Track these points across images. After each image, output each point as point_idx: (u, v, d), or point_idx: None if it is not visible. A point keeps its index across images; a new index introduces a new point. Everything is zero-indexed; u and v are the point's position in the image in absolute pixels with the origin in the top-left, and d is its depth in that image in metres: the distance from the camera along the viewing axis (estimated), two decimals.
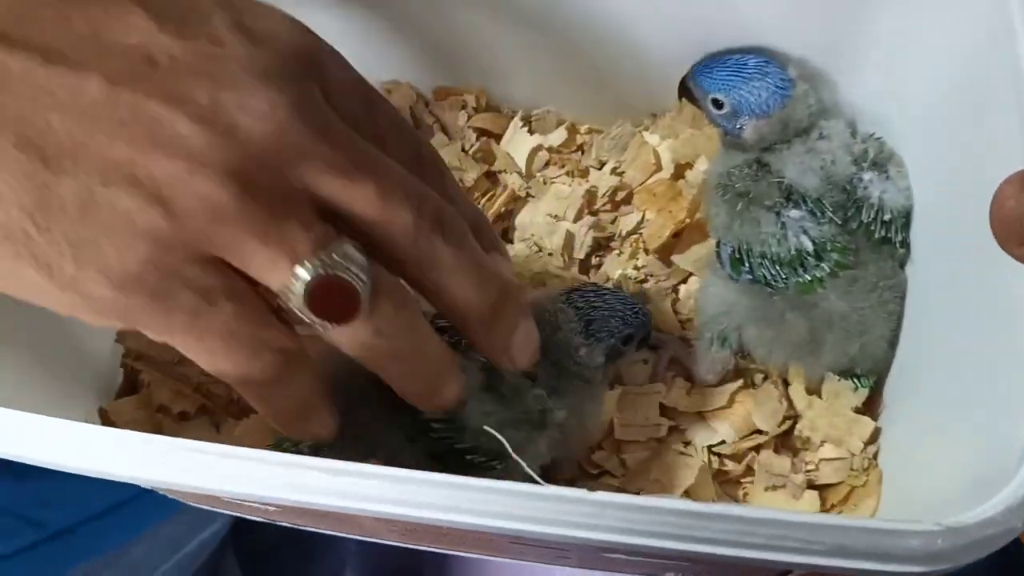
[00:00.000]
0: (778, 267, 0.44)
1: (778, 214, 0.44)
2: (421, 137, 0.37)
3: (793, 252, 0.44)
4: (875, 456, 0.44)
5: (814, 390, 0.45)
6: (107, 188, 0.28)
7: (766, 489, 0.44)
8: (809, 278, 0.44)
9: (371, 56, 0.54)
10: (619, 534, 0.29)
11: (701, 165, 0.52)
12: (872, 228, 0.44)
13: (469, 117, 0.55)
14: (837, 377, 0.44)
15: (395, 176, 0.32)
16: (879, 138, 0.46)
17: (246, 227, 0.29)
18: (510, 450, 0.38)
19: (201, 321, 0.30)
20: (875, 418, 0.44)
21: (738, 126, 0.46)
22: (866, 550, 0.27)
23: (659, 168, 0.53)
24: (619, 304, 0.43)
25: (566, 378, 0.42)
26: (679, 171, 0.53)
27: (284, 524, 0.51)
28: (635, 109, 0.54)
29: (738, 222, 0.45)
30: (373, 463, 0.38)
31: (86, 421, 0.45)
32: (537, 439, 0.41)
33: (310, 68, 0.32)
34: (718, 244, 0.47)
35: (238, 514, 0.48)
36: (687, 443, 0.46)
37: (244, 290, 0.30)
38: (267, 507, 0.42)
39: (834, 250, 0.44)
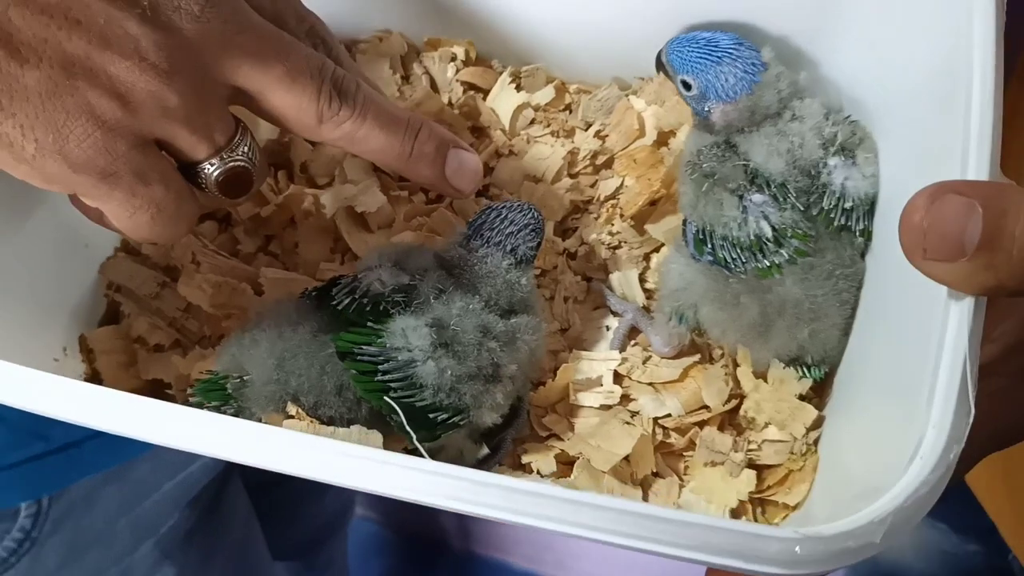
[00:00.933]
0: (738, 250, 0.44)
1: (741, 197, 0.44)
2: (311, 12, 0.43)
3: (752, 237, 0.43)
4: (815, 442, 0.44)
5: (762, 374, 0.45)
6: (69, 80, 0.33)
7: (705, 464, 0.45)
8: (768, 263, 0.43)
9: (365, 3, 0.55)
10: (505, 512, 0.30)
11: (683, 134, 0.52)
12: (832, 216, 0.43)
13: (457, 70, 0.55)
14: (783, 365, 0.44)
15: (299, 54, 0.38)
16: (853, 120, 0.45)
17: (183, 118, 0.35)
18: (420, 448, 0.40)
19: (136, 199, 0.35)
20: (822, 406, 0.45)
21: (706, 109, 0.45)
22: (729, 549, 0.28)
23: (642, 134, 0.53)
24: (519, 215, 0.44)
25: (515, 313, 0.44)
26: (662, 139, 0.52)
27: None
28: (624, 71, 0.54)
29: (703, 202, 0.45)
30: (293, 408, 0.40)
31: (66, 346, 0.49)
32: (494, 391, 0.42)
33: None
34: (684, 222, 0.46)
35: None
36: (635, 413, 0.46)
37: (171, 171, 0.36)
38: None
39: (794, 236, 0.43)
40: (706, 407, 0.46)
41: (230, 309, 0.50)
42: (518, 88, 0.54)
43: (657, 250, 0.51)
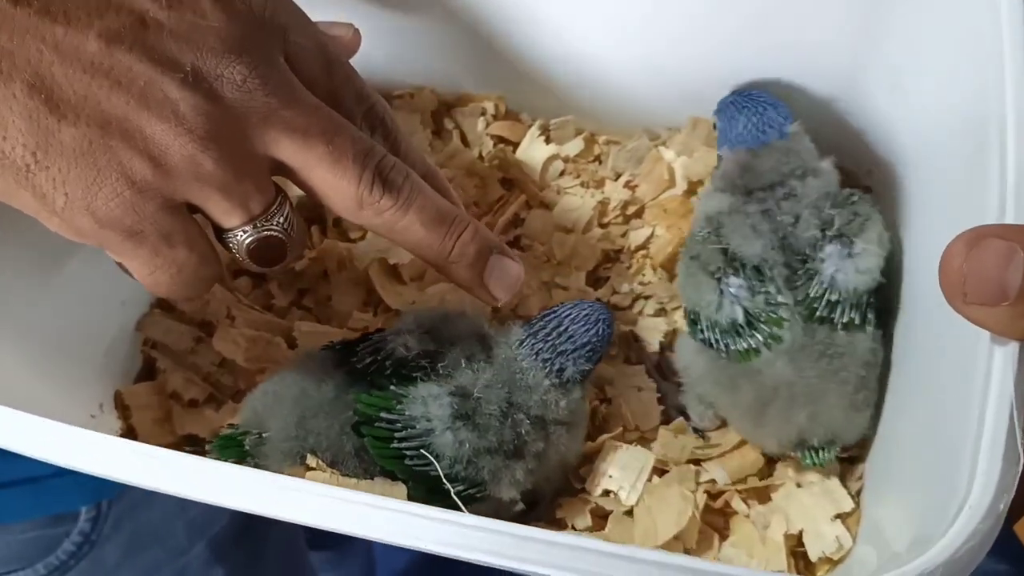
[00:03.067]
0: (718, 332, 0.43)
1: (719, 280, 0.43)
2: (375, 95, 0.42)
3: (727, 321, 0.43)
4: (857, 494, 0.43)
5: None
6: (104, 139, 0.33)
7: (745, 516, 0.44)
8: (744, 347, 0.42)
9: (397, 62, 0.56)
10: (547, 568, 0.30)
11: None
12: (815, 306, 0.42)
13: (488, 124, 0.55)
14: (794, 453, 0.43)
15: (345, 136, 0.37)
16: (855, 202, 0.43)
17: (217, 185, 0.35)
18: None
19: (159, 259, 0.35)
20: (863, 458, 0.44)
21: (720, 153, 0.45)
22: None
23: (672, 184, 0.53)
24: (582, 329, 0.42)
25: (547, 425, 0.42)
26: (691, 188, 0.53)
27: None
28: (653, 123, 0.54)
29: (689, 284, 0.44)
30: (312, 460, 0.40)
31: (102, 403, 0.50)
32: (514, 467, 0.41)
33: (276, 37, 0.37)
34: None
35: None
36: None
37: (198, 235, 0.36)
38: None
39: (768, 322, 0.42)
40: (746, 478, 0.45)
41: (264, 363, 0.50)
42: (547, 140, 0.55)
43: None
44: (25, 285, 0.46)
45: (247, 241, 0.36)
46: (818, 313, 0.42)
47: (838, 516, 0.42)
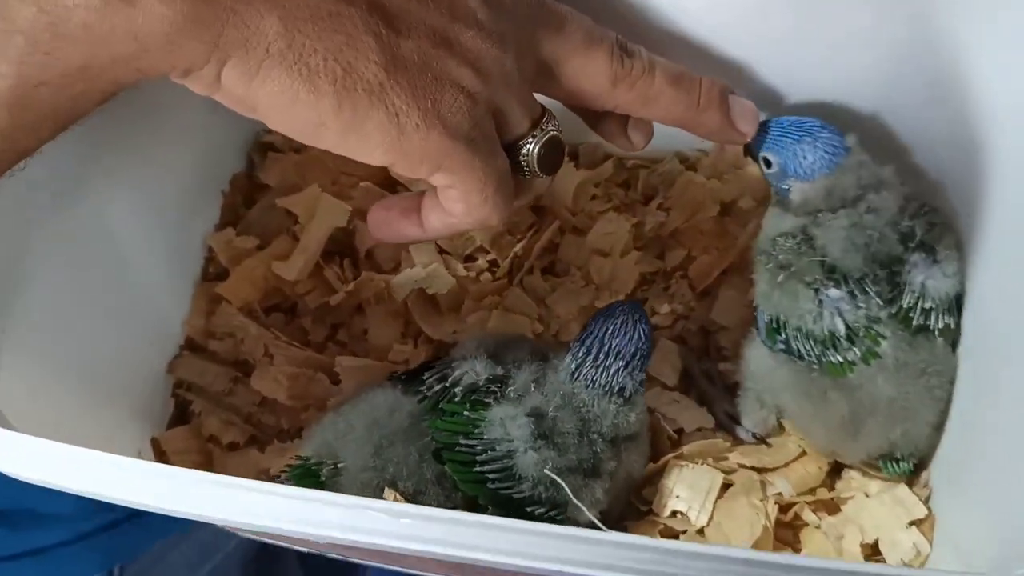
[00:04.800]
0: (812, 343, 0.43)
1: (817, 291, 0.43)
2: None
3: (827, 332, 0.43)
4: (926, 501, 0.44)
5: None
6: (435, 49, 0.34)
7: (816, 527, 0.44)
8: (840, 359, 0.43)
9: None
10: None
11: (744, 203, 0.53)
12: (911, 315, 0.43)
13: None
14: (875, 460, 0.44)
15: (589, 24, 0.40)
16: (928, 211, 0.44)
17: (516, 91, 0.37)
18: (571, 495, 0.38)
19: (488, 167, 0.36)
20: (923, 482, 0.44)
21: (785, 187, 0.45)
22: None
23: (705, 206, 0.53)
24: (625, 340, 0.42)
25: (619, 442, 0.42)
26: (724, 209, 0.53)
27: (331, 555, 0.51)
28: (682, 145, 0.55)
29: (777, 293, 0.44)
30: (393, 495, 0.39)
31: (139, 451, 0.47)
32: (593, 485, 0.41)
33: None
34: (756, 308, 0.46)
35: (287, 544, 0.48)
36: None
37: (500, 146, 0.37)
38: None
39: (867, 336, 0.42)
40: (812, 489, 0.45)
41: (308, 400, 0.49)
42: (577, 166, 0.55)
43: (720, 331, 0.51)
44: (50, 333, 0.44)
45: (537, 148, 0.38)
46: (915, 322, 0.43)
47: (912, 523, 0.43)
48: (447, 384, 0.42)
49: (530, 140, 0.38)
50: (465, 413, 0.41)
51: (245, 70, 0.31)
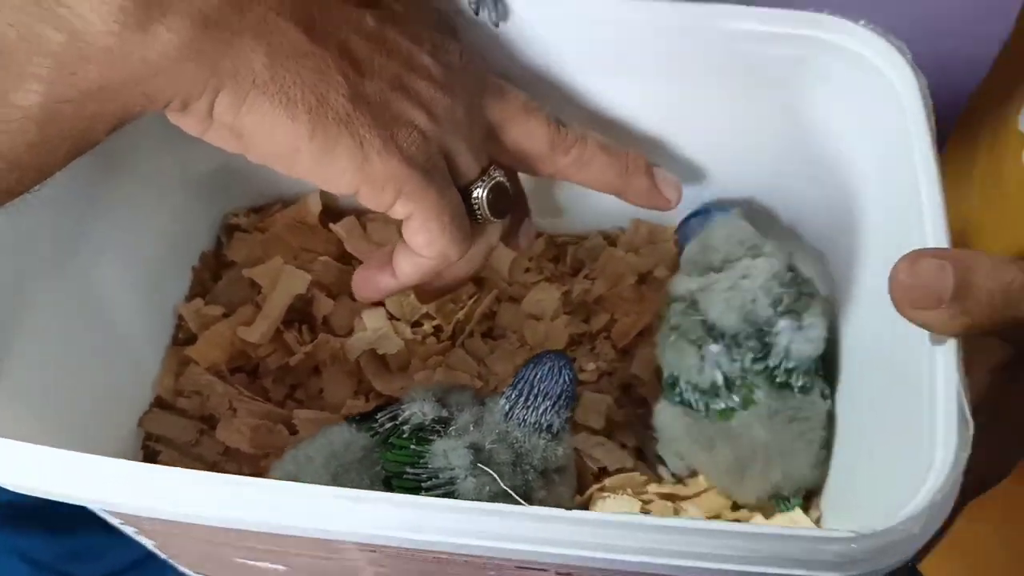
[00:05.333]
0: (699, 393, 0.50)
1: (700, 347, 0.50)
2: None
3: (709, 383, 0.50)
4: (817, 522, 0.49)
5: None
6: (392, 91, 0.41)
7: None
8: (723, 405, 0.49)
9: None
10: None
11: (659, 272, 0.60)
12: (775, 374, 0.49)
13: None
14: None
15: (547, 115, 0.47)
16: (800, 282, 0.51)
17: (465, 135, 0.43)
18: (508, 490, 0.44)
19: (442, 199, 0.42)
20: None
21: (684, 255, 0.54)
22: (794, 556, 0.33)
23: (624, 276, 0.60)
24: (551, 383, 0.48)
25: (548, 473, 0.48)
26: (641, 278, 0.60)
27: None
28: (606, 223, 0.62)
29: (670, 351, 0.51)
30: None
31: None
32: None
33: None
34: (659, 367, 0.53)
35: None
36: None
37: (455, 188, 0.43)
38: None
39: (743, 386, 0.49)
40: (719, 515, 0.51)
41: (268, 449, 0.54)
42: None
43: (639, 385, 0.57)
44: (37, 380, 0.49)
45: (486, 192, 0.44)
46: (778, 380, 0.49)
47: None
48: (397, 423, 0.48)
49: (479, 185, 0.44)
50: (412, 446, 0.47)
51: (235, 99, 0.37)
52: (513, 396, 0.48)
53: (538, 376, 0.49)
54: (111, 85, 0.35)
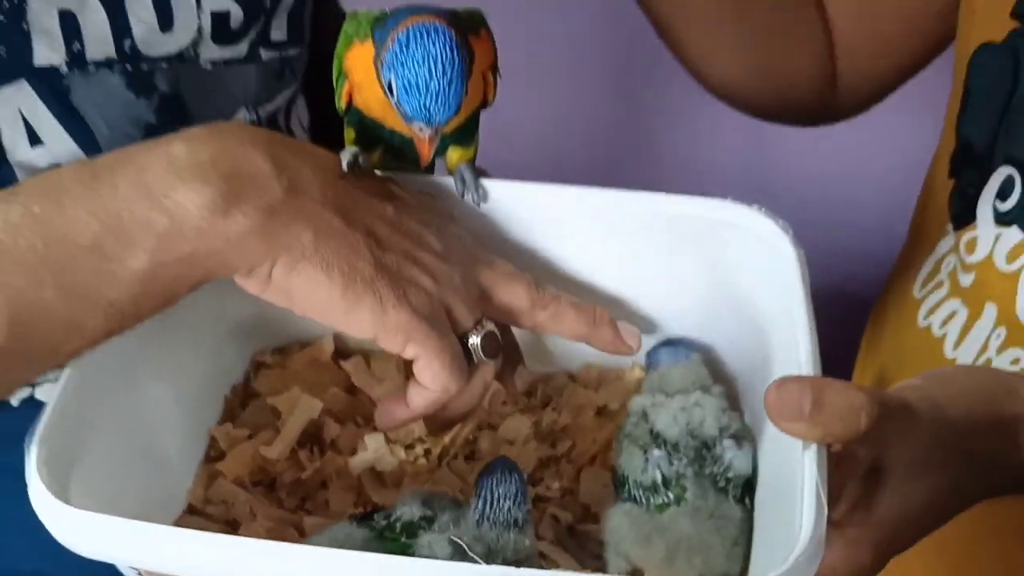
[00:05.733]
0: (641, 489, 0.61)
1: (645, 451, 0.62)
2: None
3: (650, 480, 0.61)
4: None
5: None
6: (406, 262, 0.53)
7: None
8: (661, 500, 0.60)
9: None
10: None
11: (612, 405, 0.72)
12: (717, 479, 0.61)
13: None
14: None
15: (517, 271, 0.59)
16: (741, 415, 0.64)
17: (461, 298, 0.56)
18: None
19: (443, 342, 0.53)
20: None
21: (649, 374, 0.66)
22: None
23: (585, 409, 0.72)
24: (506, 484, 0.58)
25: (520, 563, 0.57)
26: (599, 411, 0.72)
27: None
28: (570, 365, 0.74)
29: (623, 455, 0.63)
30: None
31: None
32: None
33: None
34: (612, 470, 0.65)
35: None
36: None
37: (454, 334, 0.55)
38: None
39: (677, 486, 0.60)
40: None
41: None
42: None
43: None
44: (95, 491, 0.60)
45: (479, 339, 0.56)
46: (719, 484, 0.61)
47: None
48: (390, 520, 0.59)
49: (474, 333, 0.56)
50: (402, 539, 0.57)
51: (288, 266, 0.50)
52: (480, 504, 0.59)
53: (494, 482, 0.59)
54: (198, 256, 0.49)
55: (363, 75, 0.57)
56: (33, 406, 0.65)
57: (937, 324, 0.70)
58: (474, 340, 0.57)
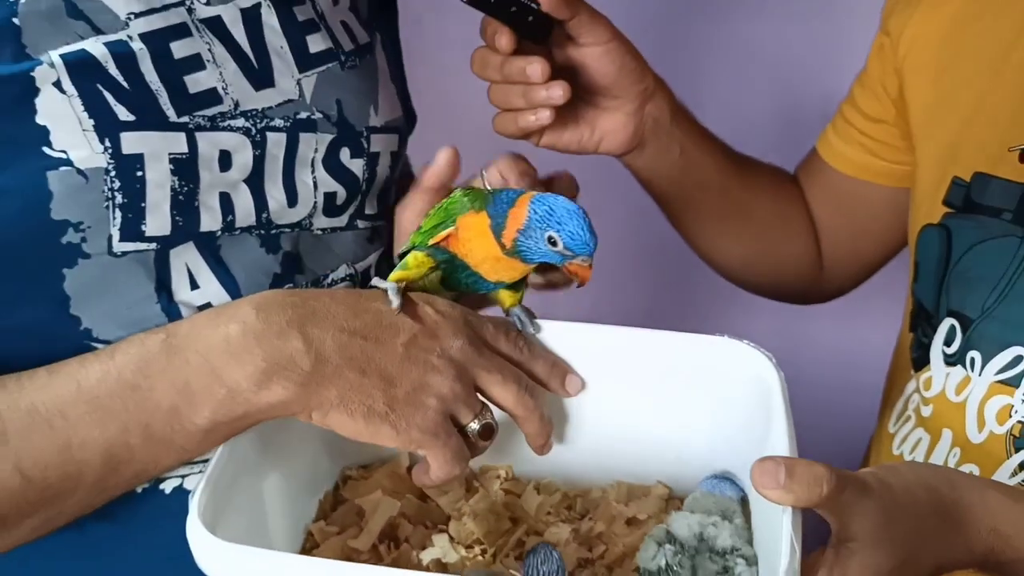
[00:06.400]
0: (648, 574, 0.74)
1: (660, 546, 0.74)
2: (520, 342, 0.79)
3: (655, 567, 0.73)
4: None
5: None
6: (415, 392, 0.69)
7: None
8: None
9: None
10: None
11: (640, 515, 0.86)
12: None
13: (501, 483, 0.89)
14: None
15: (509, 370, 0.74)
16: (749, 538, 0.77)
17: (463, 403, 0.71)
18: None
19: (447, 449, 0.69)
20: None
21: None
22: None
23: (617, 519, 0.86)
24: (550, 565, 0.73)
25: None
26: (628, 520, 0.86)
27: None
28: (602, 482, 0.89)
29: (643, 550, 0.76)
30: None
31: None
32: None
33: (473, 329, 0.75)
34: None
35: None
36: None
37: (457, 433, 0.71)
38: None
39: (680, 569, 0.73)
40: None
41: None
42: (538, 492, 0.89)
43: None
44: None
45: (477, 428, 0.72)
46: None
47: None
48: None
49: (473, 423, 0.72)
50: None
51: (321, 414, 0.68)
52: None
53: (539, 560, 0.74)
54: (248, 413, 0.67)
55: (474, 233, 0.75)
56: (183, 493, 0.81)
57: (907, 451, 0.85)
58: (472, 429, 0.73)
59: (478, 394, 0.74)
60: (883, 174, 0.98)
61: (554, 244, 0.72)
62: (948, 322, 0.85)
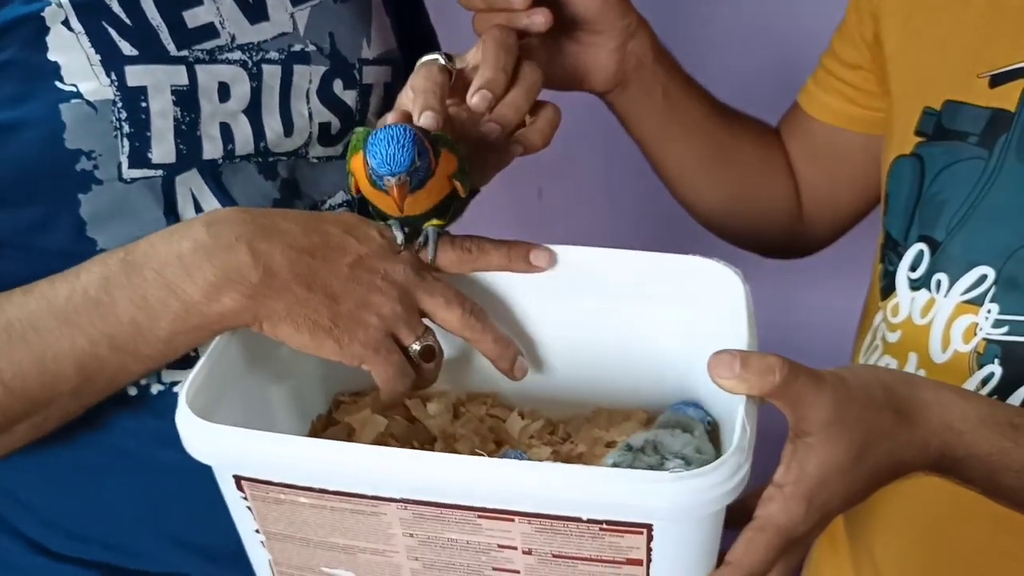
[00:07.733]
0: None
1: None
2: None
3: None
4: None
5: None
6: (358, 309, 0.73)
7: None
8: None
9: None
10: None
11: (621, 438, 0.89)
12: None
13: (487, 409, 0.93)
14: None
15: (454, 296, 0.77)
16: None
17: (405, 324, 0.75)
18: None
19: (389, 365, 0.75)
20: None
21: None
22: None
23: (599, 442, 0.90)
24: None
25: None
26: (608, 444, 0.89)
27: None
28: (583, 409, 0.92)
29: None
30: None
31: None
32: None
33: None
34: None
35: None
36: None
37: (399, 351, 0.75)
38: None
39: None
40: None
41: None
42: (522, 418, 0.92)
43: None
44: None
45: (419, 349, 0.76)
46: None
47: None
48: None
49: (415, 344, 0.75)
50: None
51: (271, 325, 0.73)
52: None
53: None
54: (203, 324, 0.73)
55: (359, 174, 0.74)
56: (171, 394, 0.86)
57: None
58: (413, 349, 0.77)
59: (425, 320, 0.78)
60: (860, 120, 1.01)
61: (373, 171, 0.72)
62: (916, 247, 0.87)
